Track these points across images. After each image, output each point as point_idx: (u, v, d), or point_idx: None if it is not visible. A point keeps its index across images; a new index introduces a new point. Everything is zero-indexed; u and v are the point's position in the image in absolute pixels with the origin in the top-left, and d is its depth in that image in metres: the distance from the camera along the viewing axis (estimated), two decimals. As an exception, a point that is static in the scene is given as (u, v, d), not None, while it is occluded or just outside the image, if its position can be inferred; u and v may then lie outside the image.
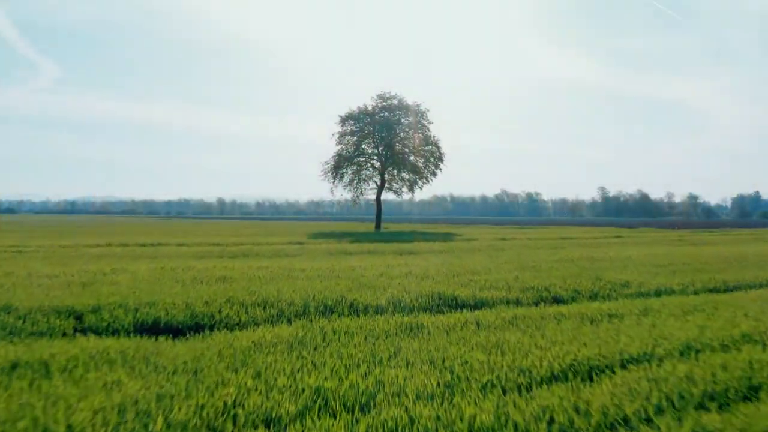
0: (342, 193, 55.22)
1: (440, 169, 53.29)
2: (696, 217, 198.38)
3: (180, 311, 7.79)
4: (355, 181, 53.67)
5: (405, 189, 54.44)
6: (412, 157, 52.93)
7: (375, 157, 53.82)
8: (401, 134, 52.52)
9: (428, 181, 53.43)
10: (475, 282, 11.23)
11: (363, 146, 53.24)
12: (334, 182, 52.88)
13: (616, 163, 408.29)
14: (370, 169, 54.35)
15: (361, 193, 54.06)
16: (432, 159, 53.17)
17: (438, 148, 52.88)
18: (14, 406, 4.10)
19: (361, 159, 53.87)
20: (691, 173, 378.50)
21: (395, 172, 54.02)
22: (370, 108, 52.06)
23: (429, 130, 52.78)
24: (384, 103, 51.98)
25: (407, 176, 53.92)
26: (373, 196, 55.08)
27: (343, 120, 52.37)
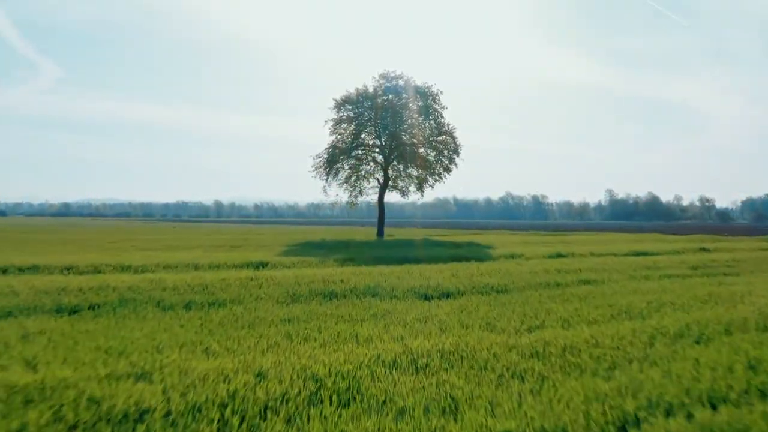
0: (337, 193, 44.71)
1: (455, 163, 43.50)
2: (711, 220, 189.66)
3: None
4: (353, 179, 43.53)
5: (413, 188, 44.44)
6: (421, 150, 43.14)
7: (377, 150, 43.83)
8: (408, 121, 42.62)
9: (441, 178, 43.51)
10: None
11: (362, 136, 43.08)
12: (327, 180, 42.94)
13: (616, 164, 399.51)
14: (371, 163, 44.32)
15: (360, 192, 44.02)
16: (446, 152, 43.44)
17: (453, 138, 43.03)
18: None
19: (360, 151, 43.89)
20: (692, 174, 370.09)
21: (401, 167, 43.96)
22: (371, 90, 42.06)
23: (443, 117, 42.90)
24: (388, 84, 42.03)
25: (416, 172, 44.01)
26: (374, 197, 45.26)
27: (339, 104, 42.62)
